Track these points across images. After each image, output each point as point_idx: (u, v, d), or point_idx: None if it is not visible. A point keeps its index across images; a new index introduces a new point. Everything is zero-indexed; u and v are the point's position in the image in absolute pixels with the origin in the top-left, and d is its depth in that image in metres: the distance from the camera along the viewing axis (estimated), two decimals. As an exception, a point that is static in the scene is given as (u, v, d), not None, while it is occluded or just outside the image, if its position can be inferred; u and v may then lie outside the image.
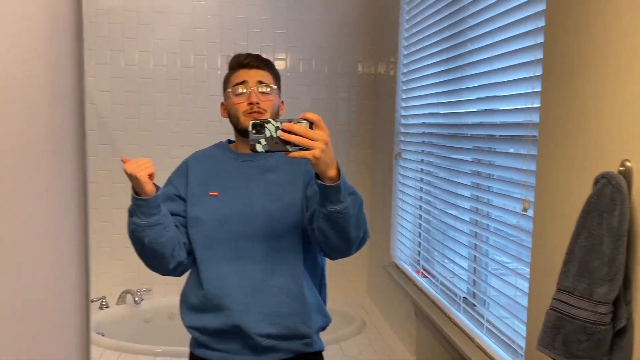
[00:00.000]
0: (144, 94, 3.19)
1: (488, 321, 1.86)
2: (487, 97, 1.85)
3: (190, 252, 1.50)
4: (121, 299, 3.07)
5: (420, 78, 2.55)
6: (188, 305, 1.52)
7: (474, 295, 2.01)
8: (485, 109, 1.87)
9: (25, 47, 0.84)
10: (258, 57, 1.52)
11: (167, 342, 2.96)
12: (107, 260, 3.23)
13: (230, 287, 1.45)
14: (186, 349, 2.43)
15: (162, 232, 1.40)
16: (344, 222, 1.30)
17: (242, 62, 1.51)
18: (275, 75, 1.54)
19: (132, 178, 1.33)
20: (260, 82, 1.48)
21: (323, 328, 1.57)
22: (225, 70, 3.43)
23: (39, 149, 0.89)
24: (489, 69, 1.82)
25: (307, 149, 1.19)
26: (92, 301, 3.02)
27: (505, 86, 1.72)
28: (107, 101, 3.16)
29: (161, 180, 1.34)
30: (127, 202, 3.54)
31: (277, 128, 1.20)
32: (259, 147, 1.21)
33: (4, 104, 0.85)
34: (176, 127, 3.23)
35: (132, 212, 1.39)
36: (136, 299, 3.04)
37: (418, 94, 2.58)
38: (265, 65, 1.52)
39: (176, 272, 1.50)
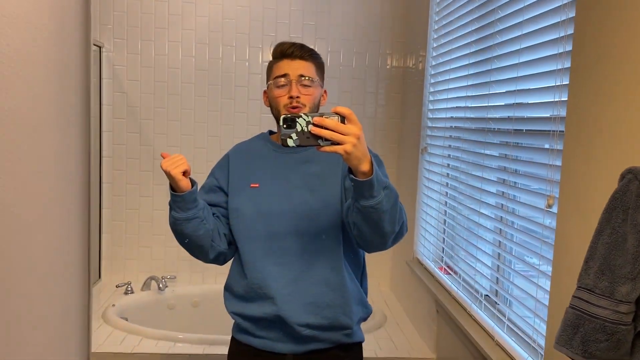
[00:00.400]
0: (173, 84, 3.22)
1: (509, 319, 1.82)
2: (514, 91, 1.80)
3: (232, 243, 1.54)
4: (146, 285, 3.12)
5: (448, 71, 2.50)
6: (232, 293, 1.55)
7: (496, 293, 1.97)
8: (513, 103, 1.83)
9: (32, 23, 0.85)
10: (302, 46, 1.51)
11: (189, 329, 3.00)
12: (133, 246, 3.29)
13: (270, 277, 1.47)
14: (208, 337, 2.48)
15: (199, 225, 1.43)
16: (377, 217, 1.29)
17: (285, 51, 1.49)
18: (319, 66, 1.53)
19: (167, 175, 1.38)
20: (302, 76, 1.47)
21: (364, 319, 1.58)
22: (253, 61, 3.45)
23: (45, 121, 0.89)
24: (517, 61, 1.78)
25: (338, 144, 1.19)
26: (118, 286, 3.08)
27: (533, 79, 1.67)
28: (137, 90, 3.21)
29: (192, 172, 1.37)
30: (154, 190, 3.59)
31: (308, 122, 1.19)
32: (290, 142, 1.20)
33: (12, 77, 0.86)
34: (203, 118, 3.25)
35: (171, 206, 1.44)
36: (160, 285, 3.08)
37: (446, 87, 2.54)
38: (309, 55, 1.50)
39: (218, 261, 1.55)
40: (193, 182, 1.42)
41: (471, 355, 1.99)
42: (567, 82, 1.41)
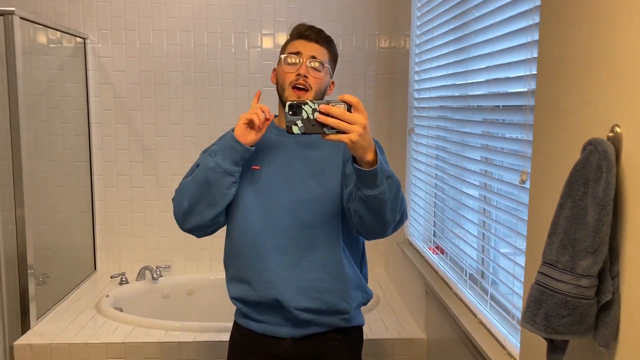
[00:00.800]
0: (159, 73, 3.20)
1: (492, 298, 1.81)
2: (491, 67, 1.77)
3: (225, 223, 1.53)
4: (140, 275, 3.13)
5: (431, 49, 2.47)
6: (230, 276, 1.56)
7: (482, 273, 1.95)
8: (489, 79, 1.80)
9: None
10: (320, 32, 1.51)
11: (184, 317, 3.02)
12: (128, 237, 3.30)
13: (269, 261, 1.48)
14: (202, 324, 2.48)
15: (231, 185, 1.43)
16: (379, 206, 1.29)
17: (302, 32, 1.50)
18: (332, 54, 1.52)
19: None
20: (314, 57, 1.46)
21: (364, 304, 1.59)
22: (239, 47, 3.44)
23: None
24: (491, 36, 1.74)
25: (344, 132, 1.18)
26: (112, 277, 3.09)
27: (507, 53, 1.64)
28: (123, 81, 3.19)
29: (177, 163, 1.34)
30: (145, 180, 3.57)
31: (314, 110, 1.18)
32: (295, 129, 1.20)
33: None
34: (191, 106, 3.24)
35: (216, 152, 1.41)
36: (154, 275, 3.09)
37: (429, 66, 2.50)
38: (325, 41, 1.50)
39: (208, 229, 1.51)
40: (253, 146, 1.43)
41: (456, 335, 1.98)
42: (537, 55, 1.38)
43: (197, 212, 1.45)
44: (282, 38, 3.22)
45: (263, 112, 1.39)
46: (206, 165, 1.41)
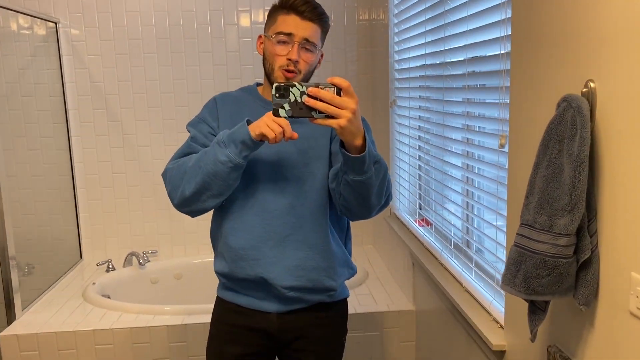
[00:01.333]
0: (135, 56, 3.14)
1: (477, 265, 1.80)
2: (466, 31, 1.74)
3: None
4: (127, 262, 3.10)
5: (410, 18, 2.42)
6: (217, 251, 1.54)
7: (467, 243, 1.94)
8: (466, 45, 1.77)
9: None
10: (316, 8, 1.41)
11: (173, 301, 3.00)
12: (112, 224, 3.26)
13: (256, 239, 1.45)
14: (191, 307, 2.46)
15: (238, 177, 1.38)
16: (365, 191, 1.28)
17: (297, 7, 1.39)
18: (325, 30, 1.46)
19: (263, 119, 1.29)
20: (307, 41, 1.39)
21: (348, 279, 1.59)
22: (215, 25, 3.35)
23: None
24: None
25: (333, 117, 1.14)
26: (98, 265, 3.06)
27: (482, 16, 1.61)
28: (99, 65, 3.12)
29: (158, 147, 1.30)
30: (126, 166, 3.51)
31: (302, 93, 1.14)
32: (282, 112, 1.16)
33: None
34: (169, 88, 3.18)
35: (227, 144, 1.33)
36: (141, 261, 3.06)
37: (409, 35, 2.46)
38: (319, 19, 1.42)
39: (206, 212, 1.46)
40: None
41: (443, 304, 1.98)
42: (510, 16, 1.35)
43: (201, 200, 1.40)
44: (259, 14, 3.15)
45: (282, 128, 1.28)
46: (216, 158, 1.33)
